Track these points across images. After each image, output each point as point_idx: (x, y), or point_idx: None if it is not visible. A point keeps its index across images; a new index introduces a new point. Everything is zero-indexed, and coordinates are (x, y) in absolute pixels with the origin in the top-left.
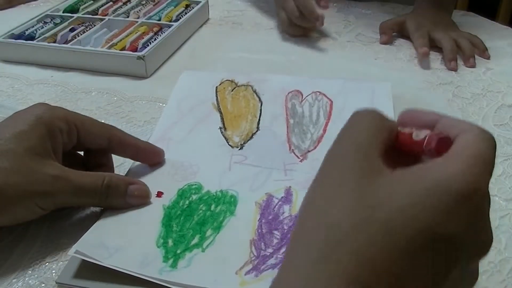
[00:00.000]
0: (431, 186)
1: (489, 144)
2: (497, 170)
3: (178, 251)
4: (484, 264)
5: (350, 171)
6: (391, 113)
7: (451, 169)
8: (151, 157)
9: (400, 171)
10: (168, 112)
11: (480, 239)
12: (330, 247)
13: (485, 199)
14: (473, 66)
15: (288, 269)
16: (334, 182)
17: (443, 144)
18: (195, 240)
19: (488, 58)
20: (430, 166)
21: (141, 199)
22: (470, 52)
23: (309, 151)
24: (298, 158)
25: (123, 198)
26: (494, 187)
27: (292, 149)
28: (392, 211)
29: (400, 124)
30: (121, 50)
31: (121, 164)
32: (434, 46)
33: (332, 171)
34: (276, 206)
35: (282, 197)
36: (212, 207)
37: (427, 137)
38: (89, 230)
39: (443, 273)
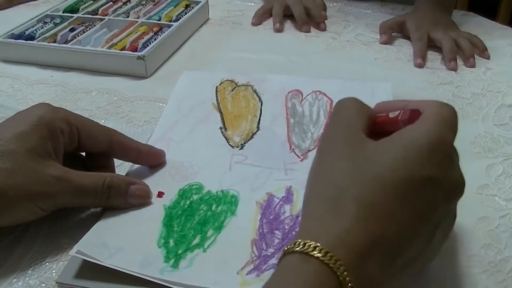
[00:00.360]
0: (406, 142)
1: (449, 110)
2: (497, 170)
3: (180, 251)
4: (484, 264)
5: (342, 144)
6: None
7: (421, 128)
8: (152, 160)
9: (381, 139)
10: (168, 112)
11: (453, 179)
12: (336, 199)
13: (451, 150)
14: (473, 66)
15: (307, 221)
16: (332, 154)
17: (414, 115)
18: (196, 240)
19: (488, 58)
20: (404, 130)
21: (142, 199)
22: (470, 52)
23: (309, 151)
24: (299, 157)
25: (124, 198)
26: (494, 187)
27: (293, 149)
28: (379, 165)
29: (377, 112)
30: (121, 50)
31: (122, 164)
32: (434, 46)
33: (329, 146)
34: (277, 206)
35: (283, 196)
36: (213, 207)
37: (401, 112)
38: (90, 230)
39: (429, 211)
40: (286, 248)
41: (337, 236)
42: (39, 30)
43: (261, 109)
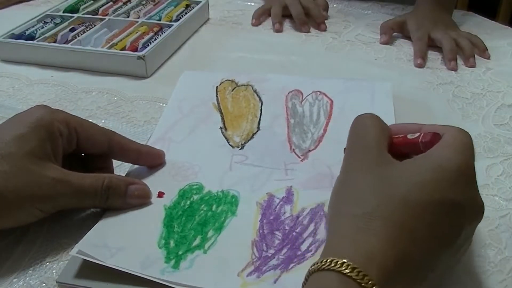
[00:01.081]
0: (435, 166)
1: (467, 136)
2: (497, 170)
3: (180, 252)
4: (484, 264)
5: (369, 163)
6: (391, 113)
7: (447, 153)
8: (152, 160)
9: (406, 160)
10: (169, 112)
11: (476, 204)
12: (367, 218)
13: (474, 174)
14: (473, 66)
15: (336, 238)
16: (359, 173)
17: (435, 138)
18: (197, 241)
19: (488, 58)
20: (430, 153)
21: (142, 199)
22: (470, 51)
23: (309, 151)
24: (299, 157)
25: (124, 199)
26: (494, 187)
27: (293, 149)
28: (408, 186)
29: (393, 133)
30: (121, 50)
31: (121, 165)
32: (434, 45)
33: (355, 164)
34: (277, 206)
35: (283, 197)
36: (214, 207)
37: (422, 134)
38: (91, 230)
39: (454, 235)
40: (319, 263)
41: (370, 257)
42: (40, 30)
43: (261, 109)
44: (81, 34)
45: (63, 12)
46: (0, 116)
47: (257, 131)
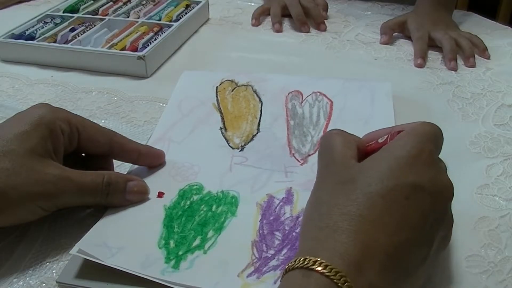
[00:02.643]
0: (387, 155)
1: (429, 125)
2: (497, 170)
3: (180, 253)
4: (484, 264)
5: (332, 173)
6: (391, 113)
7: (400, 142)
8: (152, 161)
9: (365, 159)
10: (169, 112)
11: (438, 184)
12: (327, 217)
13: (432, 158)
14: (473, 65)
15: (304, 242)
16: (325, 182)
17: None
18: (197, 242)
19: (488, 57)
20: (386, 147)
21: (141, 195)
22: (470, 51)
23: (309, 155)
24: (299, 162)
25: (123, 195)
26: (494, 187)
27: (293, 153)
28: (364, 180)
29: (366, 142)
30: (121, 50)
31: (121, 165)
32: (434, 45)
33: (321, 179)
34: (277, 207)
35: (283, 197)
36: (214, 208)
37: (389, 135)
38: (91, 229)
39: (419, 217)
40: (287, 266)
41: (333, 249)
42: (40, 30)
43: (261, 110)
44: (81, 34)
45: (63, 12)
46: (0, 116)
47: (257, 132)
